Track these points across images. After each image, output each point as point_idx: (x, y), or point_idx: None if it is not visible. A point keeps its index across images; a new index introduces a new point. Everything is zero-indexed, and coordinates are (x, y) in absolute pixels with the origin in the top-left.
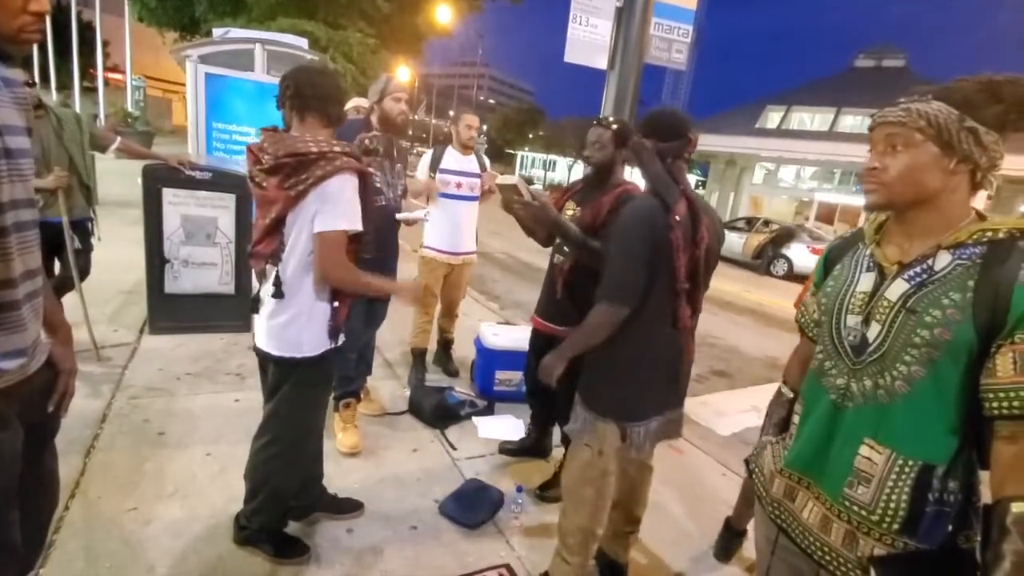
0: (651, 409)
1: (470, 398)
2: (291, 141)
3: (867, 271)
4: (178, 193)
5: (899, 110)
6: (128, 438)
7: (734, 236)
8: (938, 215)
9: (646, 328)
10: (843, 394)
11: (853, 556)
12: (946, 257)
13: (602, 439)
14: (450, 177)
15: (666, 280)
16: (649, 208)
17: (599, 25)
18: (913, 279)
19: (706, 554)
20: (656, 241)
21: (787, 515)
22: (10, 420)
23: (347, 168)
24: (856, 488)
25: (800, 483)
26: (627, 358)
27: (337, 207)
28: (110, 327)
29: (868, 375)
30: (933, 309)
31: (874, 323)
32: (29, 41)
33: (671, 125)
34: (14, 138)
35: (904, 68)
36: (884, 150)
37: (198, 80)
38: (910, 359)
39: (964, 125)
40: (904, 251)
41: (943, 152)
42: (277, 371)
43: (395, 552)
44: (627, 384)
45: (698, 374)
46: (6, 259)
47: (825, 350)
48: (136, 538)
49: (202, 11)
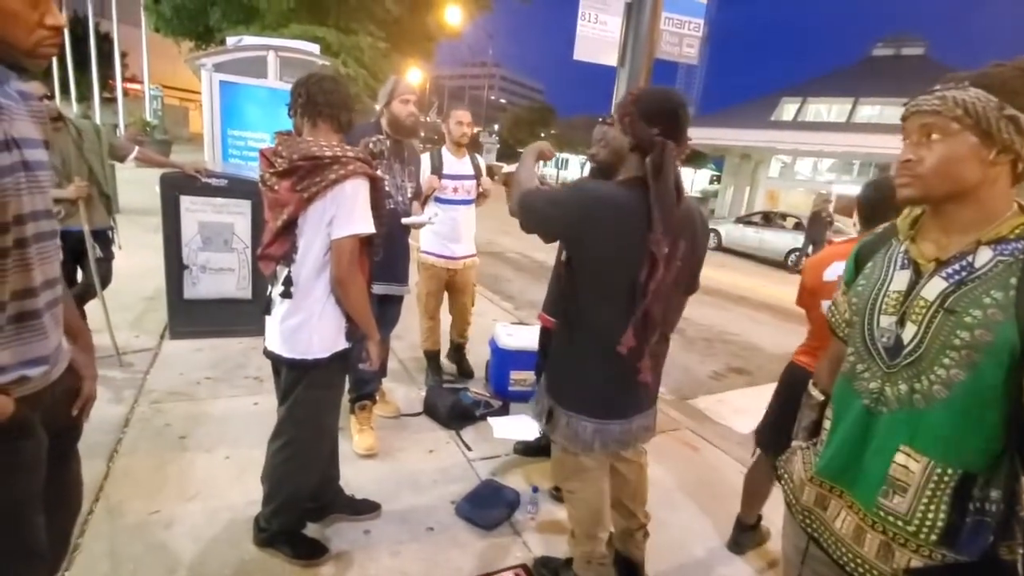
0: (603, 410)
1: (485, 398)
2: (305, 145)
3: (901, 269)
4: (195, 200)
5: (934, 98)
6: (150, 442)
7: (749, 231)
8: (977, 209)
9: (599, 331)
10: (876, 399)
11: (888, 568)
12: (987, 253)
13: (555, 428)
14: (446, 182)
15: (621, 292)
16: (620, 203)
17: (608, 22)
18: (952, 277)
19: (723, 550)
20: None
21: (819, 524)
22: (34, 427)
23: (360, 173)
24: (892, 498)
25: (832, 492)
26: (582, 354)
27: (352, 212)
28: (132, 333)
29: (903, 379)
30: (973, 309)
31: (909, 324)
32: (46, 55)
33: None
34: (32, 151)
35: (924, 56)
36: (919, 141)
37: (213, 88)
38: (949, 362)
39: (1004, 113)
40: (941, 247)
41: (982, 142)
42: (289, 374)
43: (412, 553)
44: (579, 379)
45: (715, 371)
46: (27, 269)
47: (857, 352)
48: (159, 540)
49: (216, 20)
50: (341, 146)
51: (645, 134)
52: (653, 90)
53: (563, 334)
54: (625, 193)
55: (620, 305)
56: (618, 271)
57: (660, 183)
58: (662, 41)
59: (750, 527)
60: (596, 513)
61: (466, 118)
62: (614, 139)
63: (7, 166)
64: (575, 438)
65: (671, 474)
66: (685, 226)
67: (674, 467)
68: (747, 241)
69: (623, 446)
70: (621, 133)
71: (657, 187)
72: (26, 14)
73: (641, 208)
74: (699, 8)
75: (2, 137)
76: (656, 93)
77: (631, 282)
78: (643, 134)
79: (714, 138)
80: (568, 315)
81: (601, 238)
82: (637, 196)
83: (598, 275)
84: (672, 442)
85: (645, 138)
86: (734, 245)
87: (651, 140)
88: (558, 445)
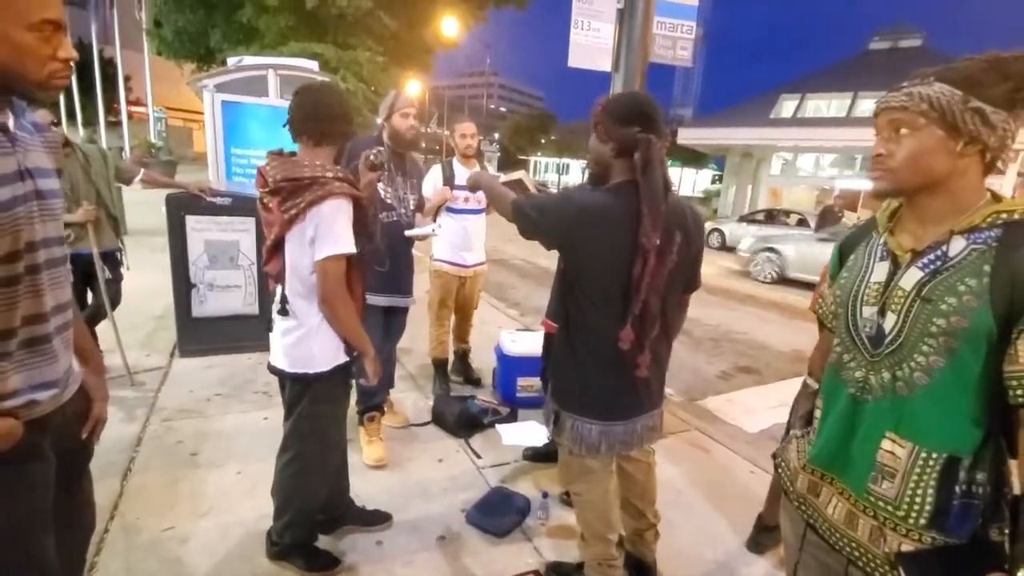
0: (607, 412)
1: (493, 406)
2: (289, 165)
3: (881, 260)
4: (200, 219)
5: (901, 94)
6: (162, 460)
7: (753, 229)
8: (949, 199)
9: (597, 334)
10: (862, 387)
11: (881, 552)
12: (960, 242)
13: (561, 431)
14: (457, 192)
15: (617, 291)
16: (608, 209)
17: (601, 28)
18: (927, 267)
19: (737, 551)
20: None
21: (813, 511)
22: (43, 449)
23: (338, 193)
24: (880, 483)
25: (824, 479)
26: (581, 357)
27: (331, 233)
28: (142, 352)
29: (886, 367)
30: (949, 296)
31: (890, 313)
32: (58, 87)
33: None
34: (45, 180)
35: (921, 47)
36: (888, 136)
37: (215, 108)
38: (928, 349)
39: (969, 106)
40: (917, 238)
41: (948, 135)
42: (292, 388)
43: (424, 562)
44: (581, 382)
45: (723, 371)
46: (38, 295)
47: (842, 343)
48: (174, 557)
49: (216, 41)
50: (323, 166)
51: (626, 135)
52: (618, 95)
53: (563, 339)
54: (613, 198)
55: (616, 308)
56: (612, 275)
57: (649, 178)
58: (655, 45)
59: (771, 527)
60: (603, 514)
61: (469, 130)
62: (593, 149)
63: (21, 195)
64: (581, 441)
65: (682, 476)
66: (676, 219)
67: (684, 468)
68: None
69: (628, 447)
70: (599, 143)
71: (646, 182)
72: (39, 48)
73: (630, 210)
74: (691, 11)
75: (16, 168)
76: (622, 97)
77: (625, 284)
78: (624, 136)
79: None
80: (567, 320)
81: (592, 245)
82: (625, 198)
83: (592, 280)
84: (682, 443)
85: (627, 139)
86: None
87: (634, 138)
88: (564, 448)
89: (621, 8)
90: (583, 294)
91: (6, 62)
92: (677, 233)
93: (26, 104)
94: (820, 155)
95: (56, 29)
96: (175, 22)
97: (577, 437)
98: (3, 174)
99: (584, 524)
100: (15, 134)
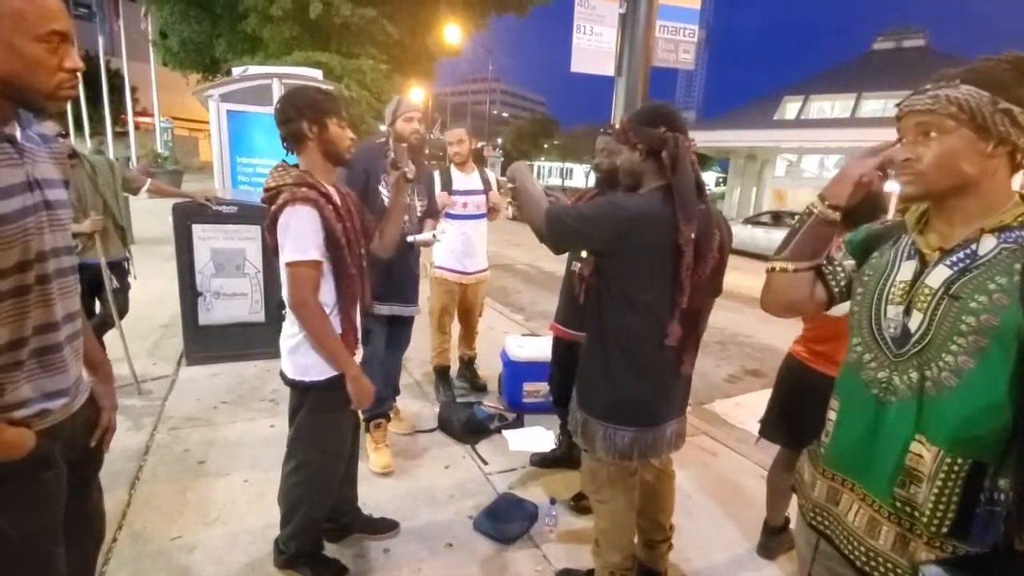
0: (640, 418)
1: (499, 411)
2: (271, 177)
3: (908, 259)
4: (207, 228)
5: (926, 97)
6: (170, 468)
7: (758, 231)
8: (979, 200)
9: (637, 338)
10: (885, 388)
11: (904, 561)
12: (991, 241)
13: (592, 440)
14: (456, 198)
15: (660, 292)
16: (652, 215)
17: (604, 33)
18: (955, 264)
19: (746, 556)
20: (642, 242)
21: (831, 520)
22: (54, 459)
23: (298, 199)
24: (908, 487)
25: (844, 485)
26: (616, 363)
27: (288, 238)
28: (150, 360)
29: (913, 367)
30: (978, 294)
31: (915, 312)
32: (66, 98)
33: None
34: (53, 191)
35: (925, 47)
36: (915, 139)
37: (221, 117)
38: (956, 348)
39: (998, 107)
40: (946, 237)
41: (979, 136)
42: (293, 395)
43: (432, 570)
44: (614, 388)
45: (730, 374)
46: (48, 304)
47: (864, 342)
48: (181, 565)
49: (221, 51)
50: (290, 173)
51: (654, 136)
52: (643, 106)
53: (596, 346)
54: (649, 202)
55: (656, 312)
56: (655, 278)
57: (679, 174)
58: (658, 49)
59: (778, 529)
60: (624, 523)
61: (456, 137)
62: (626, 160)
63: (30, 206)
64: (613, 448)
65: (690, 480)
66: (711, 217)
67: (693, 473)
68: (757, 241)
69: (658, 452)
70: (630, 152)
71: (677, 179)
72: (47, 60)
73: (667, 210)
74: (693, 14)
75: (25, 179)
76: (647, 105)
77: (667, 285)
78: (652, 136)
79: (718, 140)
80: (601, 327)
81: (637, 251)
82: (661, 200)
83: (637, 284)
84: (690, 448)
85: (655, 139)
86: (744, 246)
87: (661, 138)
88: (591, 455)
89: (623, 13)
90: (623, 298)
91: (15, 73)
92: (716, 231)
93: (33, 116)
94: (824, 156)
95: (63, 40)
96: (180, 33)
97: (610, 445)
98: (12, 185)
99: (602, 532)
100: (23, 145)
